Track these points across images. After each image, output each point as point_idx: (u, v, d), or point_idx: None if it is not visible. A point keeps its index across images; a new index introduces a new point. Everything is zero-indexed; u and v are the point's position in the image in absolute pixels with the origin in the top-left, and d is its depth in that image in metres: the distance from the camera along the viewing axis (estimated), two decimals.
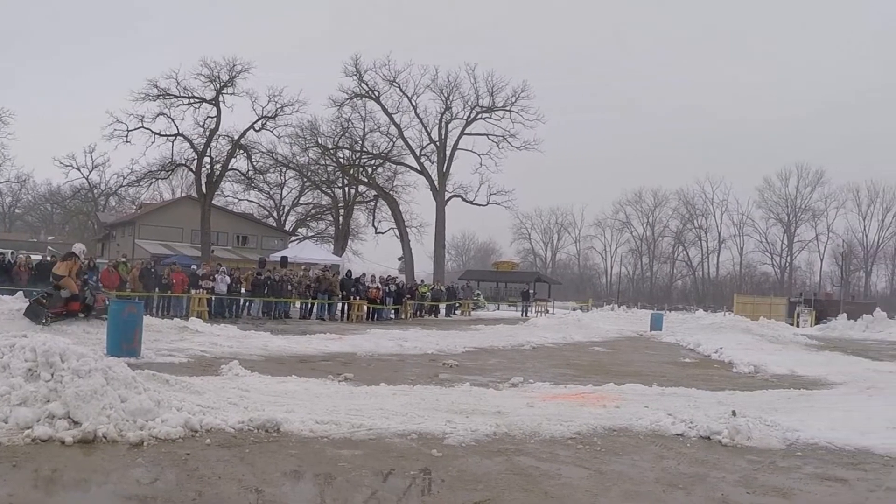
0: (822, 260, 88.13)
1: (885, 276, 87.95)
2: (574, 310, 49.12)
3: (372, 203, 61.49)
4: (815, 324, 42.27)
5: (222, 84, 45.40)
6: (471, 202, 58.17)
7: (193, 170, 47.61)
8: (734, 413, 8.32)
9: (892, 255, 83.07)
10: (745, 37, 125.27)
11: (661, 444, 7.45)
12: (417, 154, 57.32)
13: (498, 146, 56.89)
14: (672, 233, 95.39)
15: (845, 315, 40.65)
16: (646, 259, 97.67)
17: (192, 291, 23.27)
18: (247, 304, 25.97)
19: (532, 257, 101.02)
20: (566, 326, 27.77)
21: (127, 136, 44.30)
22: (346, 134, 56.00)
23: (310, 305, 27.74)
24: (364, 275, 31.89)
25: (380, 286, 30.90)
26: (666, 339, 26.20)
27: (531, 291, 49.21)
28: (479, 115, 57.12)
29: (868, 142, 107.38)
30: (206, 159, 46.79)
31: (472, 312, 41.71)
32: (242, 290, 25.86)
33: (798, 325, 41.46)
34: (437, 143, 56.99)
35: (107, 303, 16.03)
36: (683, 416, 8.31)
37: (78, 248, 17.93)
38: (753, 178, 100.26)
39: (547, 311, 44.61)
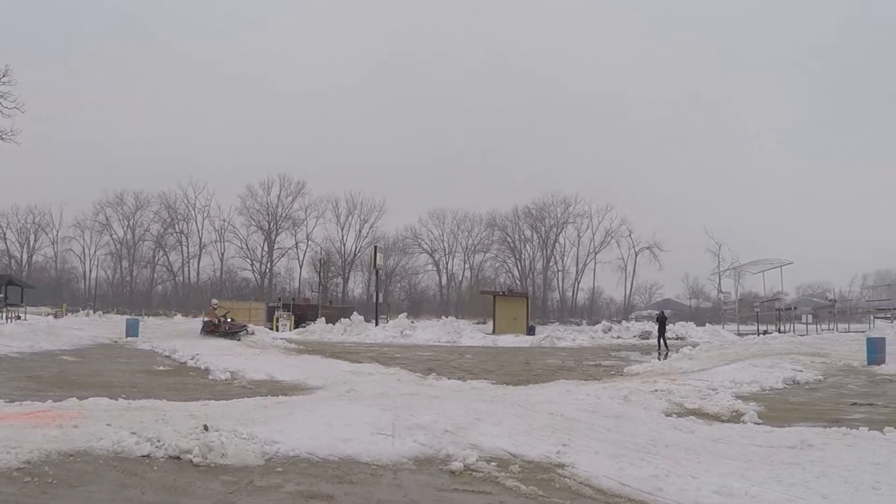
0: (301, 266, 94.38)
1: (361, 283, 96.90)
2: (47, 315, 47.83)
3: None
4: (295, 328, 44.87)
5: None
6: None
7: None
8: (206, 427, 7.91)
9: (367, 262, 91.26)
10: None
11: (125, 468, 6.82)
12: None
13: None
14: (153, 237, 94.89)
15: (324, 319, 43.58)
16: (126, 263, 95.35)
17: None
18: None
19: (7, 259, 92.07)
20: (35, 334, 25.63)
21: None
22: None
23: None
24: None
25: None
26: (142, 346, 25.59)
27: (2, 296, 44.87)
28: None
29: (347, 161, 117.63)
30: None
31: None
32: None
33: (278, 330, 43.55)
34: None
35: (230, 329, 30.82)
36: (150, 434, 7.69)
37: (214, 302, 36.62)
38: (236, 186, 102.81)
39: (18, 318, 41.06)
